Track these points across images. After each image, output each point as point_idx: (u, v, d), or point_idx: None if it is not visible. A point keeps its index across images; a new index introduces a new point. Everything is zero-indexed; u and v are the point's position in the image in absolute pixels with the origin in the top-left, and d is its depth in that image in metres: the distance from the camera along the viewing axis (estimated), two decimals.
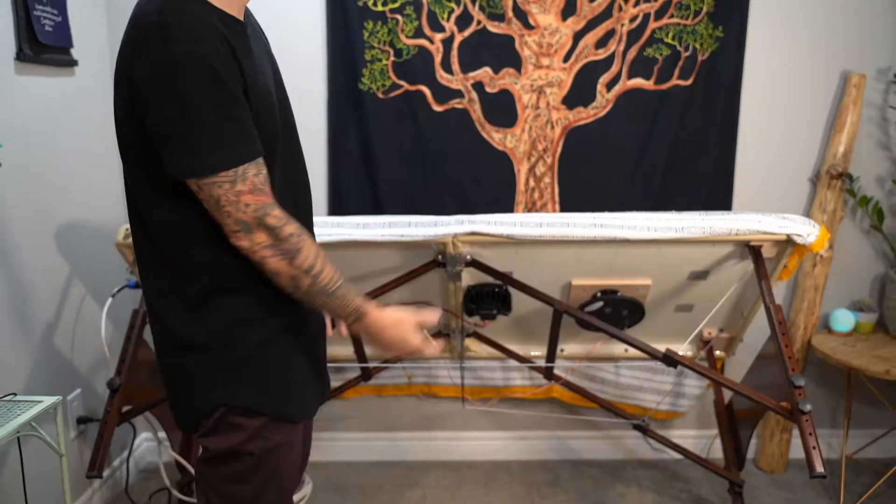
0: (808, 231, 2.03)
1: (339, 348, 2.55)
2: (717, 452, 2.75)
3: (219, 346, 1.23)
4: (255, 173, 1.13)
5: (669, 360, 2.04)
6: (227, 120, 1.09)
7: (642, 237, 2.03)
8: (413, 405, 2.82)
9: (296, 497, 2.56)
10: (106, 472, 2.54)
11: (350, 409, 2.82)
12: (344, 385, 2.53)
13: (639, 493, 2.59)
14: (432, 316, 1.33)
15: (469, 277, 2.24)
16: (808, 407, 1.83)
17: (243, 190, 1.12)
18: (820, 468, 1.77)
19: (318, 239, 2.10)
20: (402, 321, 1.30)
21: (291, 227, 1.17)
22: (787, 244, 2.09)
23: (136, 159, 1.19)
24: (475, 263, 2.13)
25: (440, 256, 2.13)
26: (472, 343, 2.54)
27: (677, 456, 2.59)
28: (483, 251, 2.13)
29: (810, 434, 1.81)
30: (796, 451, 2.72)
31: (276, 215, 1.15)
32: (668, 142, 2.55)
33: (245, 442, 1.25)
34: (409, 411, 2.83)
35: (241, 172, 1.11)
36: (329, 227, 2.08)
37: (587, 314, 2.19)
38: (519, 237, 2.04)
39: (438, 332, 2.49)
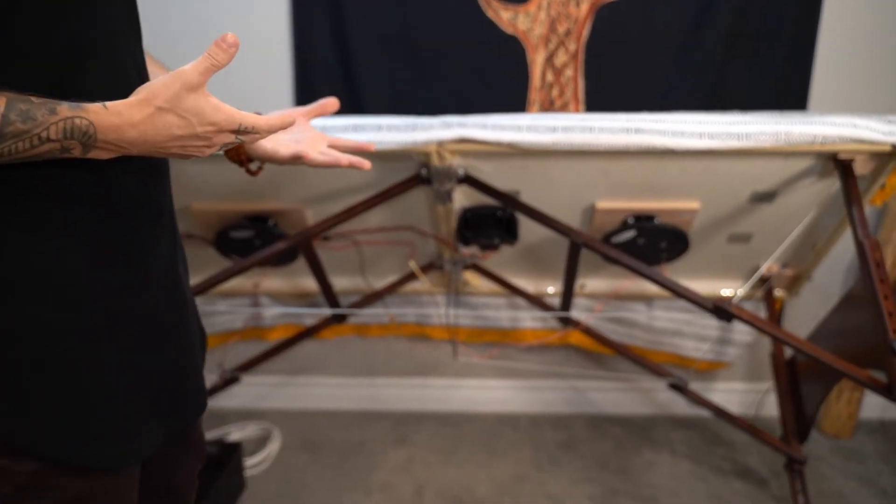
0: None
1: (304, 280, 2.10)
2: (769, 409, 2.28)
3: None
4: None
5: (722, 312, 1.55)
6: None
7: (692, 147, 1.52)
8: (402, 347, 2.38)
9: (258, 457, 2.18)
10: None
11: (327, 352, 2.40)
12: (318, 324, 2.12)
13: (671, 461, 2.14)
14: (215, 53, 0.74)
15: (464, 197, 1.79)
16: None
17: None
18: None
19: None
20: (149, 96, 0.73)
21: None
22: (889, 158, 1.58)
23: None
24: (470, 180, 1.67)
25: (424, 171, 1.67)
26: (471, 276, 2.09)
27: None
28: (480, 164, 1.67)
29: None
30: (868, 411, 2.26)
31: None
32: (728, 20, 2.01)
33: (12, 499, 0.78)
34: (397, 354, 2.40)
35: None
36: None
37: (614, 248, 1.70)
38: (526, 146, 1.55)
39: (430, 265, 2.03)
